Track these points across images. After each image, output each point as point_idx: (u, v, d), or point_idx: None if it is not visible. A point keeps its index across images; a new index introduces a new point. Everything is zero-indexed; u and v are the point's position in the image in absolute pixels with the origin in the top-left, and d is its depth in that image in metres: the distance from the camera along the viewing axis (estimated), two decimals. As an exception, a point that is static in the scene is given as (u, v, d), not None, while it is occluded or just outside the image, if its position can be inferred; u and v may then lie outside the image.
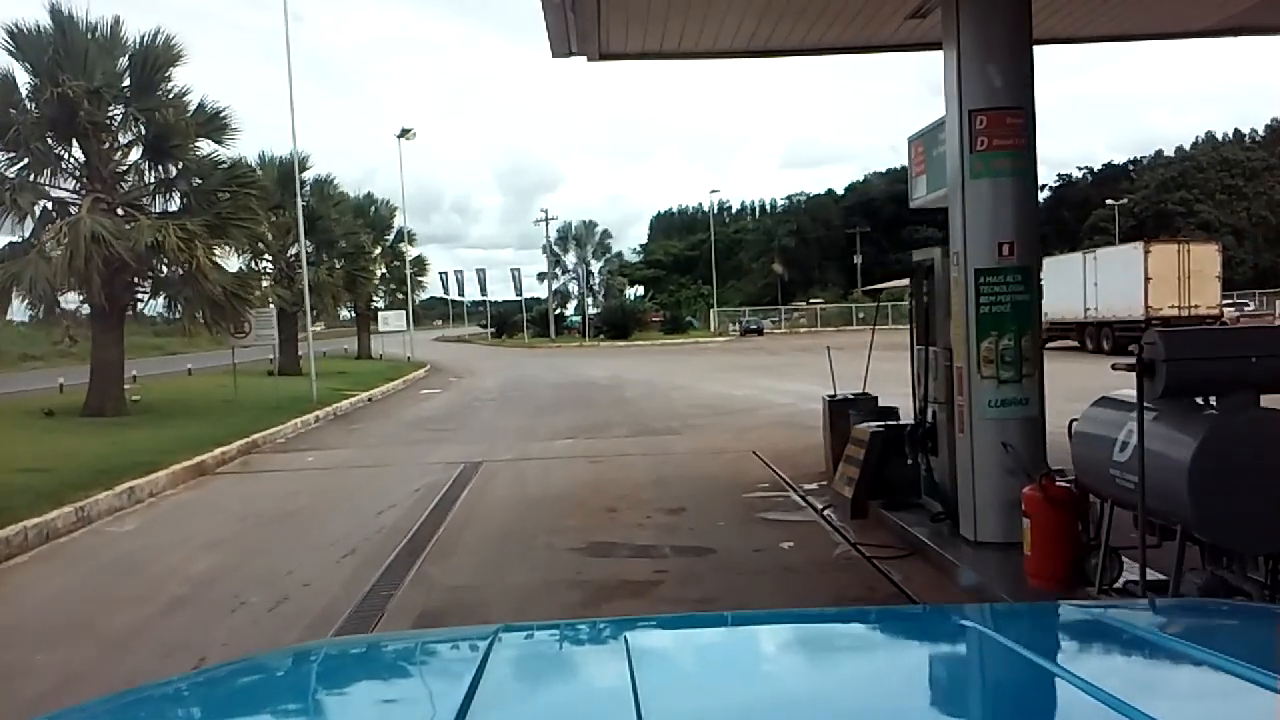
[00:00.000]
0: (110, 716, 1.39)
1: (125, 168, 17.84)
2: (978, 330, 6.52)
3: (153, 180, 17.89)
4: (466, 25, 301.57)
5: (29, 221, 16.53)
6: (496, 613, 5.94)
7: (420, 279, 47.91)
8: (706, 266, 72.06)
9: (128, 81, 17.14)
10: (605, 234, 77.55)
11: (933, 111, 7.77)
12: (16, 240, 16.67)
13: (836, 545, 7.45)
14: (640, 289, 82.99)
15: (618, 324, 62.48)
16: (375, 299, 45.15)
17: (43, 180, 17.02)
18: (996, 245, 6.47)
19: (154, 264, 16.99)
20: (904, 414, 9.01)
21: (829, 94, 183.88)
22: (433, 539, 8.06)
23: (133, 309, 18.14)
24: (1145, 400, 4.38)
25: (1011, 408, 6.51)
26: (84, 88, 16.01)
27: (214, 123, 17.89)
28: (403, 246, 44.04)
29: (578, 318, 71.80)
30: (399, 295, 45.50)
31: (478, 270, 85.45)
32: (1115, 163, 79.47)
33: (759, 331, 61.34)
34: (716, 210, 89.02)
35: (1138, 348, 4.43)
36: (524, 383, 27.32)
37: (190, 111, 17.60)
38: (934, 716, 1.25)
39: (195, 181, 17.71)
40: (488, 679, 1.29)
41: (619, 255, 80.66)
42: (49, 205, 17.05)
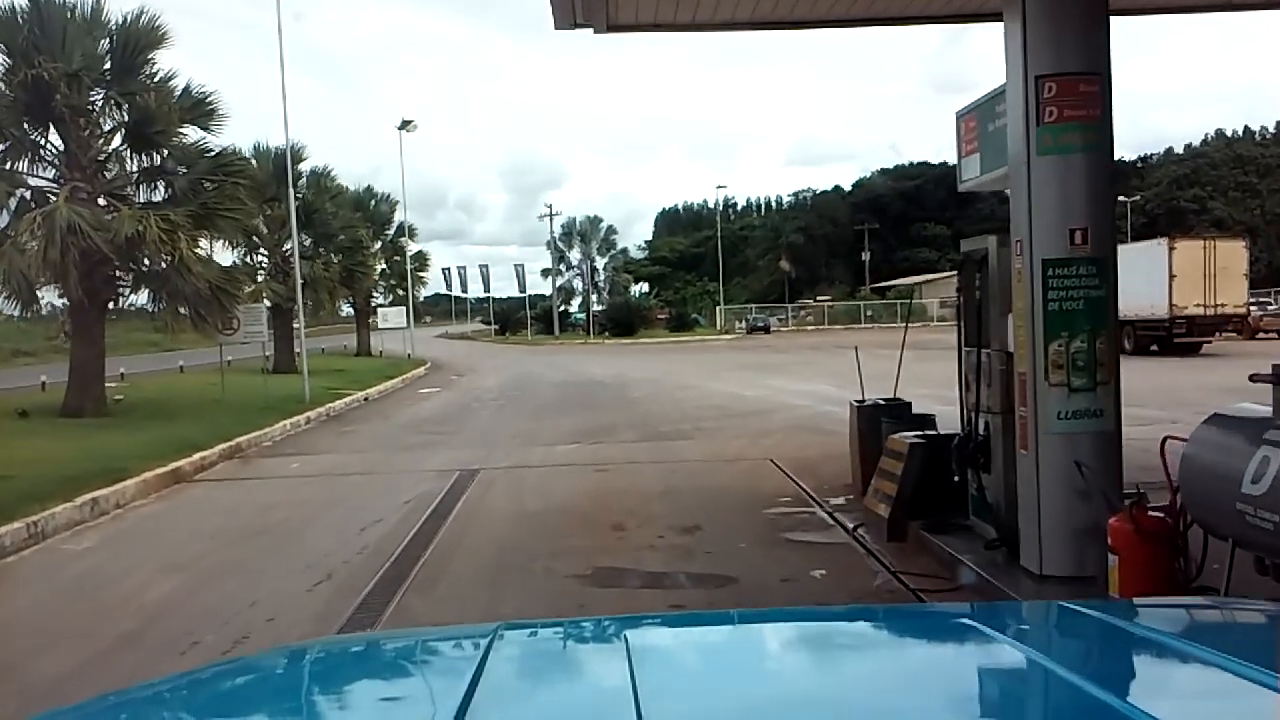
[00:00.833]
0: (109, 715, 1.38)
1: (106, 155, 16.95)
2: (1045, 330, 5.63)
3: (135, 169, 17.03)
4: (471, 23, 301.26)
5: (4, 213, 15.64)
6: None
7: (421, 275, 47.13)
8: (712, 263, 71.17)
9: (108, 64, 16.26)
10: (610, 230, 76.73)
11: (936, 111, 6.93)
12: (-9, 232, 15.82)
13: (875, 574, 6.57)
14: (645, 286, 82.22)
15: (623, 321, 61.65)
16: (375, 295, 44.31)
17: (20, 168, 16.18)
18: (1068, 232, 5.57)
19: (136, 256, 16.09)
20: (941, 421, 8.16)
21: (831, 92, 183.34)
22: (419, 562, 7.19)
23: (115, 304, 17.28)
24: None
25: (1084, 420, 5.61)
26: (62, 70, 15.14)
27: (200, 108, 17.00)
28: (403, 241, 43.13)
29: (582, 315, 70.82)
30: (400, 291, 44.62)
31: (480, 266, 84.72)
32: (1125, 159, 78.56)
33: (766, 329, 60.43)
34: (722, 207, 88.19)
35: None
36: (526, 382, 26.48)
37: (175, 96, 16.73)
38: (935, 716, 1.18)
39: (180, 170, 16.84)
40: (488, 677, 1.27)
41: (624, 251, 79.85)
42: (26, 195, 16.15)
